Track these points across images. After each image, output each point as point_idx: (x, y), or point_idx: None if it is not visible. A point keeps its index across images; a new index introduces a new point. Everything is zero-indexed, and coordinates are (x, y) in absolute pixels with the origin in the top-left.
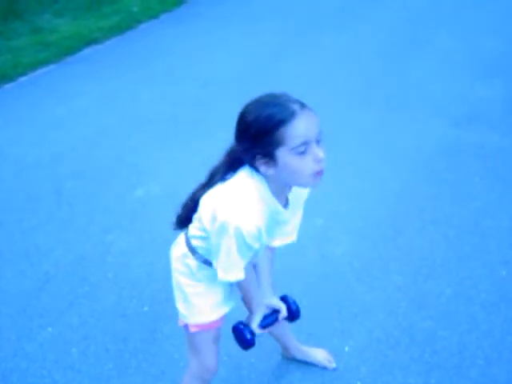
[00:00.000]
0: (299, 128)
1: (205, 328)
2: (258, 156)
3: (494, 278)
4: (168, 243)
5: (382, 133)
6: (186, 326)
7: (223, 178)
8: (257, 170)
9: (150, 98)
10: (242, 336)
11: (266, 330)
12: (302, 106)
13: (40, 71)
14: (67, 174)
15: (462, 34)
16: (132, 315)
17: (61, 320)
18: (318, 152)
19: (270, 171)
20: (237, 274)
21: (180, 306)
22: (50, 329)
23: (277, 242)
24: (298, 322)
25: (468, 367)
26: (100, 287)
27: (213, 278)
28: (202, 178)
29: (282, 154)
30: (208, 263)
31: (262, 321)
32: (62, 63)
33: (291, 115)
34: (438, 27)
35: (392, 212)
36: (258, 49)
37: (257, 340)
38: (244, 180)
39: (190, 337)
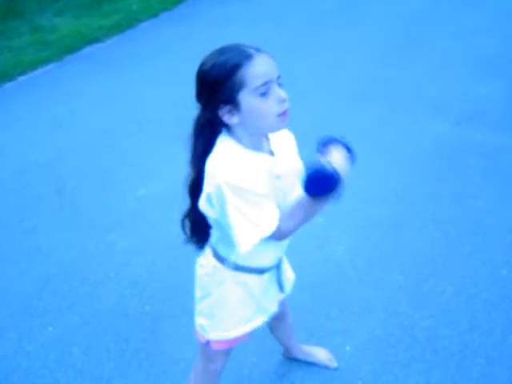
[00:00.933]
0: (258, 68)
1: (228, 345)
2: (221, 105)
3: (495, 277)
4: (170, 243)
5: (383, 132)
6: (207, 343)
7: (199, 146)
8: (223, 125)
9: (151, 97)
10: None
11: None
12: (258, 49)
13: (40, 70)
14: (69, 174)
15: (461, 33)
16: (133, 315)
17: (62, 319)
18: (280, 92)
19: (235, 119)
20: (256, 232)
21: (200, 319)
22: (51, 328)
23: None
24: (299, 322)
25: (469, 366)
26: (101, 287)
27: (246, 288)
28: None
29: (244, 97)
30: (240, 268)
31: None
32: (63, 62)
33: (248, 57)
34: (437, 27)
35: (393, 211)
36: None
37: (258, 338)
38: (220, 145)
39: (206, 348)
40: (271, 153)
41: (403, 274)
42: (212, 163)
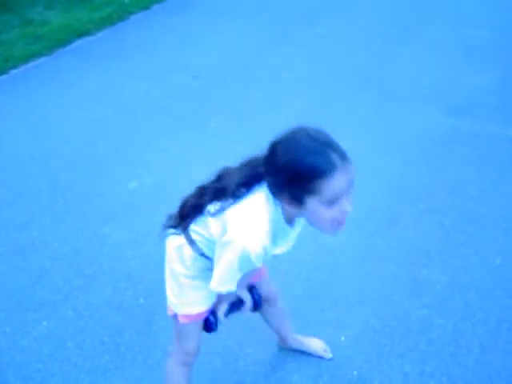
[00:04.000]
0: (337, 184)
1: (193, 319)
2: (286, 195)
3: (489, 266)
4: (163, 235)
5: (376, 122)
6: (175, 316)
7: (237, 193)
8: (274, 195)
9: (143, 89)
10: (207, 322)
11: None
12: (343, 157)
13: (32, 64)
14: (61, 167)
15: (454, 23)
16: (127, 308)
17: (56, 313)
18: (347, 205)
19: (292, 209)
20: (230, 286)
21: (170, 296)
22: (45, 322)
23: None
24: (293, 312)
25: (464, 355)
26: (95, 280)
27: (206, 272)
28: (195, 170)
29: (311, 201)
30: (205, 256)
31: (227, 310)
32: (54, 56)
33: (331, 169)
34: (430, 17)
35: (387, 201)
36: (250, 40)
37: (252, 330)
38: (259, 202)
39: (176, 324)
40: (293, 222)
41: (397, 265)
42: (243, 213)
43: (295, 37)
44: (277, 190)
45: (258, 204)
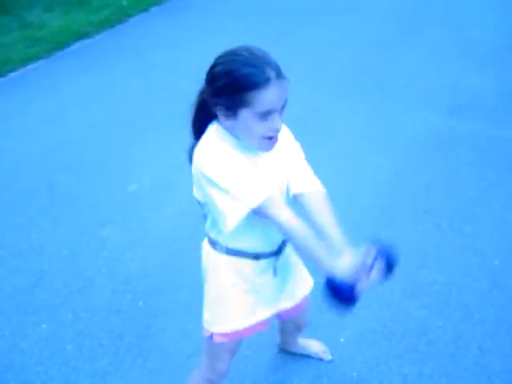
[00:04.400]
0: (269, 97)
1: (232, 337)
2: (221, 107)
3: (487, 267)
4: (162, 237)
5: (375, 123)
6: (210, 336)
7: (198, 126)
8: (213, 111)
9: (141, 91)
10: (335, 288)
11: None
12: (278, 73)
13: (30, 67)
14: (59, 169)
15: (452, 25)
16: (127, 310)
17: (55, 316)
18: (277, 122)
19: (227, 122)
20: (246, 203)
21: (206, 314)
22: (44, 325)
23: (301, 188)
24: None
25: (462, 356)
26: (94, 282)
27: (241, 276)
28: None
29: (244, 113)
30: (231, 252)
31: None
32: (53, 58)
33: (266, 82)
34: (427, 18)
35: (385, 202)
36: (248, 41)
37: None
38: (210, 132)
39: (209, 343)
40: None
41: None
42: (197, 150)
43: (293, 38)
44: (213, 104)
45: (209, 133)
